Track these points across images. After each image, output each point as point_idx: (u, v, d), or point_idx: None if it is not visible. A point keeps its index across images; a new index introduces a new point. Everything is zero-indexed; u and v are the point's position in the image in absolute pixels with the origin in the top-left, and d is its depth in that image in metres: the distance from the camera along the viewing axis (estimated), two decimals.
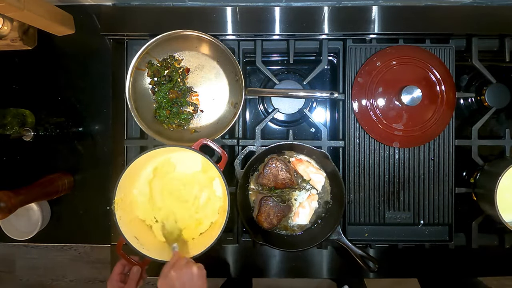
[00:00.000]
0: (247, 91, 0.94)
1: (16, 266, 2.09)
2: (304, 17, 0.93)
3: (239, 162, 0.93)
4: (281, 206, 0.91)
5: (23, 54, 1.00)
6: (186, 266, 0.76)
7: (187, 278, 0.74)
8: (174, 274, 0.75)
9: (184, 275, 0.74)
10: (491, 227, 0.96)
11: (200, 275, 0.76)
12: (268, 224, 0.91)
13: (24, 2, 0.78)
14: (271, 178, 0.91)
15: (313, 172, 0.93)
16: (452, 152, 0.94)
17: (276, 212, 0.91)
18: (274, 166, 0.90)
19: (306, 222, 0.94)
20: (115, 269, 0.83)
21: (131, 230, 0.85)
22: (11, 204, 0.82)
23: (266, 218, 0.90)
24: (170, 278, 0.74)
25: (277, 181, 0.91)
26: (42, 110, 1.02)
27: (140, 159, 0.84)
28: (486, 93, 0.94)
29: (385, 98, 0.92)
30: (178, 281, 0.74)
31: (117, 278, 0.81)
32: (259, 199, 0.92)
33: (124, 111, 0.96)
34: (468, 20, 0.93)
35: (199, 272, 0.76)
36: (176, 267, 0.76)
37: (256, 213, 0.92)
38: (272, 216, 0.90)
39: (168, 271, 0.75)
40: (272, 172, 0.90)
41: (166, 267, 0.77)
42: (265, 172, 0.91)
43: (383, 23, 0.93)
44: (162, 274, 0.76)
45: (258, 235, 0.90)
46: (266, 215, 0.90)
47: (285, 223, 0.94)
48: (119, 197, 0.84)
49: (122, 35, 0.96)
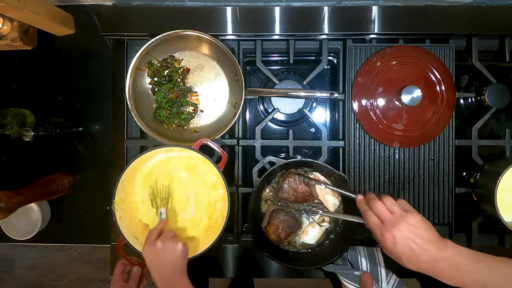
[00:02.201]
0: (247, 91, 0.94)
1: (16, 266, 2.10)
2: (304, 17, 0.93)
3: (257, 170, 0.93)
4: (291, 222, 0.89)
5: (23, 54, 1.00)
6: (173, 239, 0.77)
7: (171, 252, 0.75)
8: (160, 245, 0.75)
9: (170, 248, 0.75)
10: (491, 227, 0.96)
11: (184, 252, 0.77)
12: (275, 237, 0.89)
13: (24, 2, 0.78)
14: (291, 192, 0.88)
15: (329, 194, 0.91)
16: (452, 152, 0.94)
17: (285, 226, 0.88)
18: (293, 180, 0.88)
19: (313, 242, 0.92)
20: (116, 270, 0.83)
21: (131, 230, 0.86)
22: (11, 204, 0.82)
23: (274, 231, 0.88)
24: (156, 247, 0.75)
25: (297, 195, 0.89)
26: (42, 110, 1.02)
27: (140, 159, 0.84)
28: (486, 93, 0.94)
29: (385, 98, 0.92)
30: (162, 253, 0.75)
31: (119, 278, 0.82)
32: (270, 210, 0.90)
33: (124, 111, 0.96)
34: (468, 20, 0.93)
35: (184, 249, 0.77)
36: (164, 238, 0.77)
37: (265, 224, 0.90)
38: (280, 230, 0.88)
39: (155, 239, 0.76)
40: (291, 186, 0.88)
41: (152, 233, 0.78)
42: (285, 187, 0.88)
43: (383, 23, 0.93)
44: (148, 241, 0.77)
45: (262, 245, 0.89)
46: (275, 227, 0.88)
47: (291, 239, 0.92)
48: (119, 197, 0.84)
49: (122, 35, 0.96)
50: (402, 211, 0.68)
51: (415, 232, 0.64)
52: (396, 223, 0.65)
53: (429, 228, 0.65)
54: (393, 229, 0.65)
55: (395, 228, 0.65)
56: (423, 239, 0.64)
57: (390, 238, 0.65)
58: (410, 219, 0.65)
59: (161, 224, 0.82)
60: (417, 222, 0.65)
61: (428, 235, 0.64)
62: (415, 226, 0.65)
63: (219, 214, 0.89)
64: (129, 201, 0.88)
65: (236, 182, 0.97)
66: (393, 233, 0.65)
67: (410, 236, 0.64)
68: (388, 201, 0.70)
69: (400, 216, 0.66)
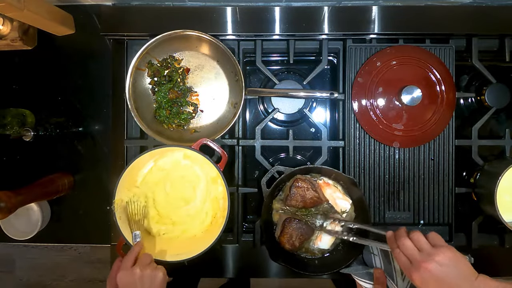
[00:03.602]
0: (247, 91, 0.94)
1: (16, 266, 2.10)
2: (304, 17, 0.93)
3: (266, 180, 0.93)
4: (304, 229, 0.88)
5: (23, 54, 1.00)
6: (151, 267, 0.73)
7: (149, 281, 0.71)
8: (138, 273, 0.71)
9: (148, 277, 0.71)
10: (491, 227, 0.96)
11: (164, 281, 0.73)
12: (290, 245, 0.88)
13: (24, 2, 0.78)
14: (299, 198, 0.88)
15: (340, 198, 0.91)
16: (452, 152, 0.94)
17: (299, 234, 0.88)
18: (300, 186, 0.88)
19: (327, 247, 0.92)
20: (114, 266, 0.82)
21: (131, 230, 0.85)
22: (11, 204, 0.82)
23: (288, 240, 0.88)
24: (133, 274, 0.71)
25: (306, 201, 0.88)
26: (42, 110, 1.02)
27: (140, 159, 0.84)
28: (486, 93, 0.94)
29: (385, 98, 0.92)
30: (140, 282, 0.70)
31: (116, 276, 0.81)
32: (282, 219, 0.89)
33: (124, 111, 0.96)
34: (468, 20, 0.93)
35: (163, 278, 0.73)
36: (142, 265, 0.73)
37: (278, 234, 0.90)
38: (294, 238, 0.88)
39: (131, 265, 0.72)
40: (299, 193, 0.88)
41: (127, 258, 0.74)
42: (292, 193, 0.88)
43: (383, 23, 0.93)
44: (124, 266, 0.73)
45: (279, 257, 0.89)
46: (289, 236, 0.88)
47: (306, 245, 0.92)
48: (119, 197, 0.84)
49: (122, 35, 0.96)
50: (431, 248, 0.64)
51: (445, 272, 0.60)
52: (423, 263, 0.62)
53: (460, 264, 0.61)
54: (420, 270, 0.62)
55: (422, 268, 0.61)
56: (454, 277, 0.60)
57: (419, 279, 0.62)
58: (440, 258, 0.61)
59: (137, 247, 0.77)
60: (447, 259, 0.61)
61: (460, 273, 0.61)
62: (445, 264, 0.61)
63: (220, 214, 0.89)
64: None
65: (236, 182, 0.97)
66: (421, 275, 0.61)
67: (440, 276, 0.60)
68: (416, 236, 0.66)
69: (428, 255, 0.62)
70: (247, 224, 1.04)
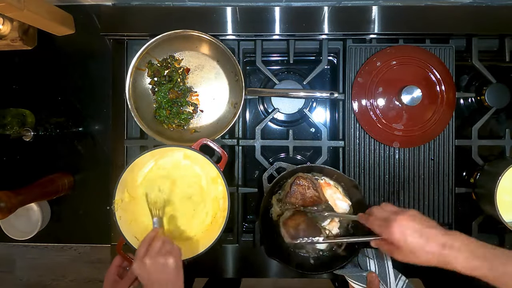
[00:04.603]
0: (247, 91, 0.94)
1: (16, 266, 2.10)
2: (304, 17, 0.93)
3: (267, 176, 0.93)
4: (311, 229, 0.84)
5: (23, 54, 1.00)
6: (162, 253, 0.70)
7: (160, 271, 0.69)
8: (148, 262, 0.69)
9: (159, 266, 0.69)
10: (491, 227, 0.96)
11: (176, 267, 0.71)
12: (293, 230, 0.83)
13: (24, 2, 0.78)
14: (299, 196, 0.88)
15: (339, 199, 0.91)
16: (452, 152, 0.94)
17: (305, 229, 0.84)
18: (301, 183, 0.87)
19: (324, 247, 0.91)
20: (114, 261, 0.82)
21: (131, 230, 0.85)
22: (11, 204, 0.82)
23: (295, 226, 0.83)
24: (143, 265, 0.69)
25: (305, 199, 0.88)
26: (42, 110, 1.02)
27: (140, 159, 0.84)
28: (486, 93, 0.94)
29: (385, 98, 0.92)
30: (154, 272, 0.69)
31: (114, 271, 0.81)
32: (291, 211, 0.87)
33: (124, 111, 0.96)
34: (468, 20, 0.93)
35: (175, 264, 0.70)
36: (152, 253, 0.70)
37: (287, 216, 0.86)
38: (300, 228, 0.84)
39: (143, 255, 0.70)
40: (299, 191, 0.87)
41: (142, 246, 0.72)
42: (292, 190, 0.88)
43: (383, 23, 0.93)
44: (137, 257, 0.71)
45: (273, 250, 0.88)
46: (296, 223, 0.84)
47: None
48: (119, 197, 0.84)
49: (122, 35, 0.96)
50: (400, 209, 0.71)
51: (419, 220, 0.66)
52: (398, 216, 0.67)
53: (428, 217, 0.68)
54: (397, 221, 0.66)
55: (398, 220, 0.66)
56: (428, 226, 0.65)
57: (398, 229, 0.66)
58: (411, 212, 0.68)
59: (152, 233, 0.76)
60: (417, 213, 0.68)
61: (431, 223, 0.66)
62: (416, 216, 0.67)
63: (220, 214, 0.89)
64: (129, 201, 0.88)
65: (236, 182, 0.97)
66: (400, 224, 0.66)
67: (416, 227, 0.65)
68: (383, 204, 0.74)
69: (400, 211, 0.69)
70: (247, 224, 1.04)
